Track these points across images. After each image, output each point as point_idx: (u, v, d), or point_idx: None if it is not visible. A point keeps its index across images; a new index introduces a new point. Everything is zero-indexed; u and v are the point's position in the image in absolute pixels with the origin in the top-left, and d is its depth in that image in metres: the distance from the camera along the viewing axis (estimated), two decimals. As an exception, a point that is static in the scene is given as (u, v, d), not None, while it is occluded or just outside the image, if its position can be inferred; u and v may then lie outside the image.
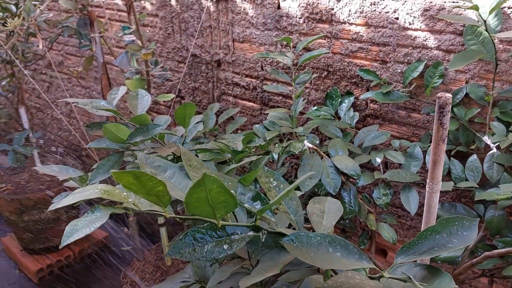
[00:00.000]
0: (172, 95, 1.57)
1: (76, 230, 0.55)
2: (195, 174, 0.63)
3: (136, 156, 1.01)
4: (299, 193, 0.92)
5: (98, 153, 2.72)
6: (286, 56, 1.33)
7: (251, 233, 0.65)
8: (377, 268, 0.70)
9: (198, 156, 1.03)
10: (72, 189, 0.94)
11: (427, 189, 0.98)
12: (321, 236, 0.63)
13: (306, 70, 1.33)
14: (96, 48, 1.79)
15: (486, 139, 1.21)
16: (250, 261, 0.90)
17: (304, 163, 1.18)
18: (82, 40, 1.85)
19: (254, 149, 1.13)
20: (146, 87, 1.65)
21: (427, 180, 0.97)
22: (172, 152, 0.92)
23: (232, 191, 0.70)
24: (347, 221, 1.21)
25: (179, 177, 0.63)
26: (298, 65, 1.31)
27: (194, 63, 2.00)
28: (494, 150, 1.18)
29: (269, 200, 0.72)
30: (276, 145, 1.16)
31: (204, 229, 0.65)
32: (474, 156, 1.21)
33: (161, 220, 1.78)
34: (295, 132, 1.22)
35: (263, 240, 0.66)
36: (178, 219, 0.61)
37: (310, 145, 1.21)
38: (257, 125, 1.27)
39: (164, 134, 1.00)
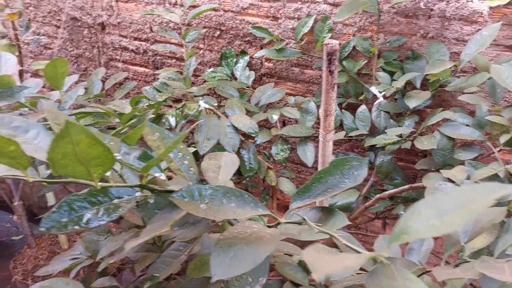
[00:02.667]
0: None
1: None
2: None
3: None
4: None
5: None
6: (174, 13, 1.24)
7: (138, 194, 0.58)
8: (276, 218, 0.68)
9: (78, 121, 0.93)
10: None
11: (320, 139, 0.99)
12: (214, 189, 0.59)
13: (197, 27, 1.26)
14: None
15: (373, 89, 1.26)
16: (144, 225, 0.84)
17: (200, 124, 1.13)
18: None
19: (144, 109, 1.05)
20: (17, 54, 1.45)
21: (320, 130, 0.98)
22: (43, 118, 0.81)
23: (114, 154, 0.62)
24: (248, 179, 1.19)
25: (44, 137, 0.54)
26: (187, 22, 1.23)
27: (74, 28, 1.80)
28: (381, 99, 1.23)
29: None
30: (172, 108, 1.09)
31: (83, 195, 0.57)
32: (363, 106, 1.26)
33: (51, 202, 1.62)
34: (189, 93, 1.15)
35: (151, 201, 0.60)
36: (45, 183, 0.53)
37: (206, 106, 1.16)
38: (147, 87, 1.18)
39: (36, 99, 0.87)
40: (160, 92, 1.14)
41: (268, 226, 0.65)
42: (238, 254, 0.51)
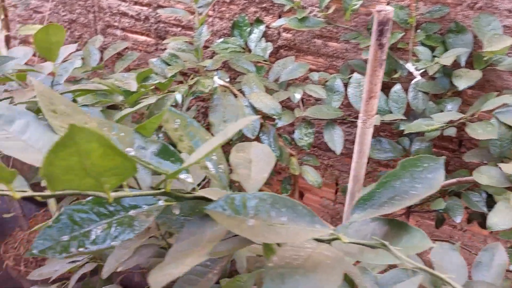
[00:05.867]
0: (38, 26, 1.22)
1: None
2: (63, 125, 0.40)
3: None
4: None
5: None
6: (183, -28, 1.07)
7: (160, 203, 0.45)
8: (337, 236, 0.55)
9: (76, 101, 0.78)
10: None
11: (359, 124, 0.85)
12: (259, 198, 0.45)
13: (210, -11, 1.10)
14: None
15: (410, 66, 1.11)
16: (159, 230, 0.71)
17: (215, 103, 0.98)
18: None
19: (152, 88, 0.90)
20: (2, 18, 1.27)
21: (360, 114, 0.84)
22: (34, 97, 0.66)
23: (127, 149, 0.48)
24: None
25: (36, 130, 0.39)
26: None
27: (67, -11, 1.62)
28: (418, 77, 1.09)
29: (180, 153, 0.51)
30: (181, 84, 0.94)
31: (88, 204, 0.44)
32: (398, 86, 1.12)
33: (52, 210, 1.48)
34: (202, 67, 1.00)
35: (177, 211, 0.47)
36: (40, 199, 0.39)
37: (221, 82, 1.01)
38: (153, 59, 1.02)
39: (25, 72, 0.72)
40: (169, 65, 0.99)
41: (318, 240, 0.51)
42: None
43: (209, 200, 0.49)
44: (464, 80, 0.96)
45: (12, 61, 0.63)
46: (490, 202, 0.94)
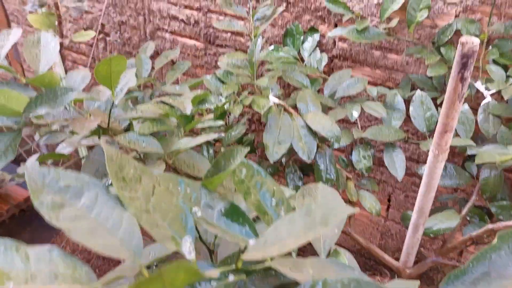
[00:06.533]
0: (92, 33, 1.22)
1: None
2: (132, 195, 0.37)
3: (40, 133, 0.70)
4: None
5: None
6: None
7: (231, 278, 0.41)
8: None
9: (132, 126, 0.75)
10: None
11: (429, 158, 0.79)
12: (342, 283, 0.41)
13: (267, 1, 1.04)
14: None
15: (479, 85, 1.03)
16: None
17: (270, 124, 0.94)
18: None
19: (206, 111, 0.87)
20: (56, 24, 1.27)
21: (431, 147, 0.78)
22: (98, 126, 0.64)
23: (194, 209, 0.45)
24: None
25: (105, 205, 0.36)
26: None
27: (118, -9, 1.61)
28: (489, 98, 1.00)
29: (247, 213, 0.48)
30: (235, 102, 0.90)
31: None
32: (466, 106, 1.03)
33: None
34: (256, 85, 0.96)
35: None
36: None
37: (277, 100, 0.96)
38: (208, 76, 0.99)
39: (82, 100, 0.71)
40: (224, 83, 0.95)
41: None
42: None
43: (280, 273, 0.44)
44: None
45: (72, 94, 0.61)
46: None
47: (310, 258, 0.45)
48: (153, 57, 1.46)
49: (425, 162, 1.22)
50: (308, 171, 1.11)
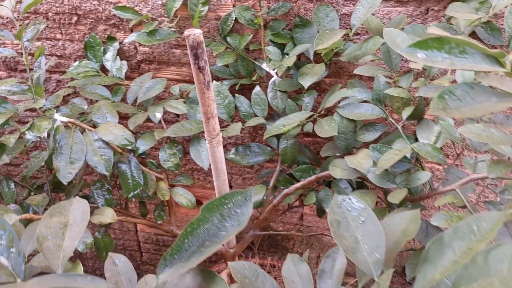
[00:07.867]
0: None
1: None
2: None
3: None
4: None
5: None
6: (2, 4, 0.97)
7: None
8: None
9: None
10: None
11: (207, 145, 0.83)
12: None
13: (37, 20, 1.00)
14: None
15: (265, 66, 1.11)
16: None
17: (60, 144, 0.91)
18: None
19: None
20: None
21: (205, 135, 0.82)
22: None
23: None
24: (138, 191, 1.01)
25: None
26: (23, 14, 0.96)
27: None
28: (275, 77, 1.09)
29: None
30: (12, 134, 0.85)
31: None
32: (258, 88, 1.11)
33: None
34: (39, 107, 0.92)
35: None
36: None
37: (64, 119, 0.93)
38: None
39: None
40: (-1, 113, 0.89)
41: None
42: None
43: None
44: (309, 78, 0.97)
45: None
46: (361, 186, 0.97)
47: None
48: None
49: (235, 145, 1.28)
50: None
